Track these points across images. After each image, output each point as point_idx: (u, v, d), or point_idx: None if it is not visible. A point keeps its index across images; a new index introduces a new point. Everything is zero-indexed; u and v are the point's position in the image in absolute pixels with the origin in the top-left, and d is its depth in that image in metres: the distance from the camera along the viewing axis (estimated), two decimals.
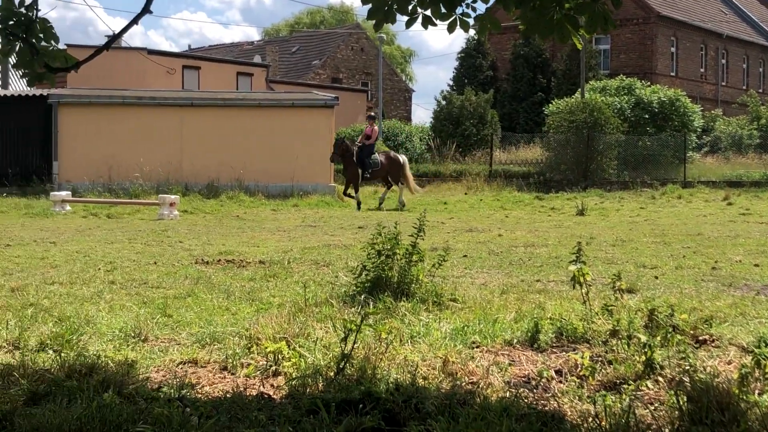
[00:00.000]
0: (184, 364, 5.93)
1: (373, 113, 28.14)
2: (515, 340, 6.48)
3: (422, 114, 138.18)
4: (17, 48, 5.80)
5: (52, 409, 4.39)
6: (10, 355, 6.03)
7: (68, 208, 23.19)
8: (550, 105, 40.06)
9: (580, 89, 40.56)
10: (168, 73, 43.71)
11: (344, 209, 25.63)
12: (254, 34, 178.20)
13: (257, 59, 58.81)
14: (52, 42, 5.90)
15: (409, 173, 27.23)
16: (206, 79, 46.23)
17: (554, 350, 6.30)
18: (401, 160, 26.81)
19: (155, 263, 11.68)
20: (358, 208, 25.72)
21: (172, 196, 22.74)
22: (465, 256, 12.59)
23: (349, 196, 26.56)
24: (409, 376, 5.31)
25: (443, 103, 43.41)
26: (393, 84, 66.36)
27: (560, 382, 5.46)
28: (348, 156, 26.03)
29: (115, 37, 6.02)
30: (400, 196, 26.66)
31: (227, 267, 11.30)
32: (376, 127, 27.08)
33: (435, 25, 5.72)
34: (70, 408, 4.46)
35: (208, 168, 28.20)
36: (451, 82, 55.47)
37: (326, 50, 64.78)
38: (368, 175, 26.41)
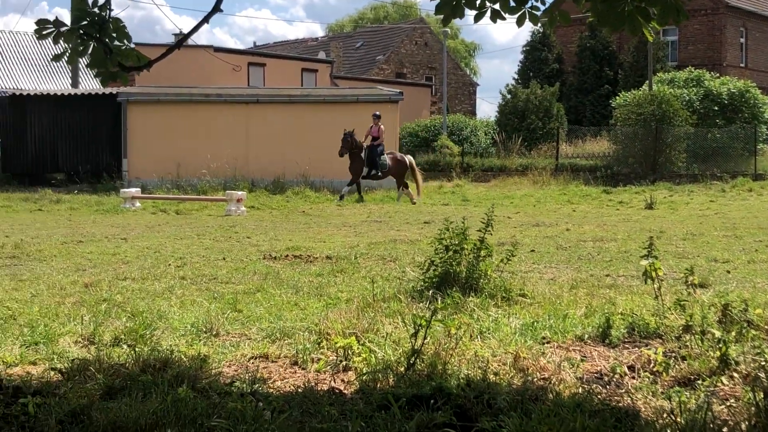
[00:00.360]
0: (256, 358, 5.98)
1: (378, 112, 27.15)
2: (586, 336, 6.42)
3: (487, 108, 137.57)
4: (91, 48, 5.89)
5: (128, 403, 4.46)
6: (86, 349, 6.13)
7: (138, 204, 23.53)
8: (617, 97, 39.60)
9: (647, 81, 40.01)
10: (234, 71, 44.12)
11: (409, 205, 25.62)
12: (318, 31, 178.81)
13: (321, 55, 59.06)
14: (125, 41, 5.97)
15: (418, 173, 27.18)
16: (271, 75, 46.57)
17: (626, 346, 6.22)
18: (407, 161, 26.64)
19: (224, 259, 11.80)
20: (360, 200, 25.95)
21: (239, 192, 22.95)
22: (533, 250, 12.51)
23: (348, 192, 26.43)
24: (479, 371, 5.29)
25: (508, 96, 43.16)
26: (457, 78, 66.17)
27: (633, 377, 5.40)
28: (356, 151, 25.88)
29: (186, 36, 6.08)
30: (399, 195, 26.66)
31: (295, 262, 11.36)
32: (382, 126, 26.65)
33: (504, 18, 5.69)
34: (145, 402, 4.52)
35: (273, 164, 28.40)
36: (516, 76, 55.16)
37: (390, 45, 64.79)
38: (381, 175, 26.37)
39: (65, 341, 6.37)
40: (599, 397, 4.82)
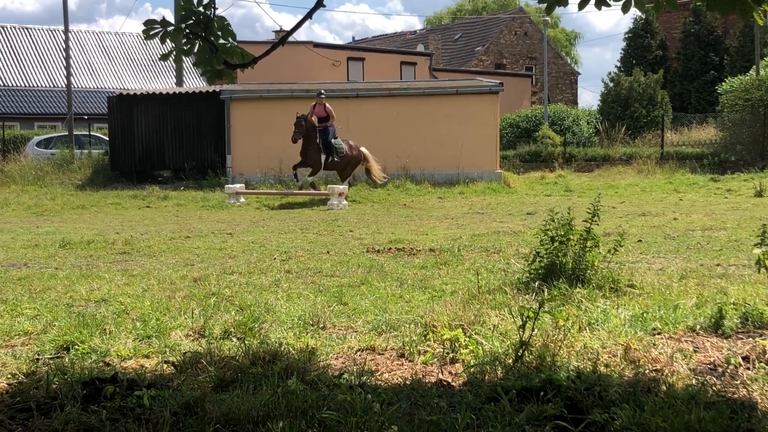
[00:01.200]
0: (362, 351, 6.00)
1: (323, 90, 24.92)
2: (698, 327, 6.27)
3: (588, 97, 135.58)
4: (196, 47, 5.99)
5: (240, 396, 4.52)
6: (197, 343, 6.25)
7: (242, 200, 23.89)
8: (724, 83, 38.55)
9: (754, 66, 38.88)
10: (333, 65, 44.44)
11: (511, 196, 25.42)
12: (416, 24, 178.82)
13: (420, 48, 59.09)
14: (230, 39, 6.05)
15: (375, 166, 25.43)
16: (370, 69, 46.76)
17: (740, 336, 6.06)
18: (361, 154, 25.07)
19: (328, 252, 11.89)
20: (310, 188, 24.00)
21: (341, 186, 23.10)
22: (639, 241, 12.29)
23: (296, 175, 24.60)
24: (589, 363, 5.22)
25: (611, 85, 42.45)
26: (558, 67, 65.42)
27: (748, 368, 5.25)
28: (312, 135, 23.97)
29: (290, 32, 6.13)
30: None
31: (398, 255, 11.39)
32: (328, 105, 24.51)
33: (609, 5, 5.58)
34: (256, 394, 4.58)
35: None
36: (618, 64, 54.32)
37: (489, 36, 64.41)
38: (338, 160, 24.28)
39: (176, 334, 6.50)
40: (714, 388, 4.70)
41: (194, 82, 47.07)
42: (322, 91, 24.56)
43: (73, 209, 22.76)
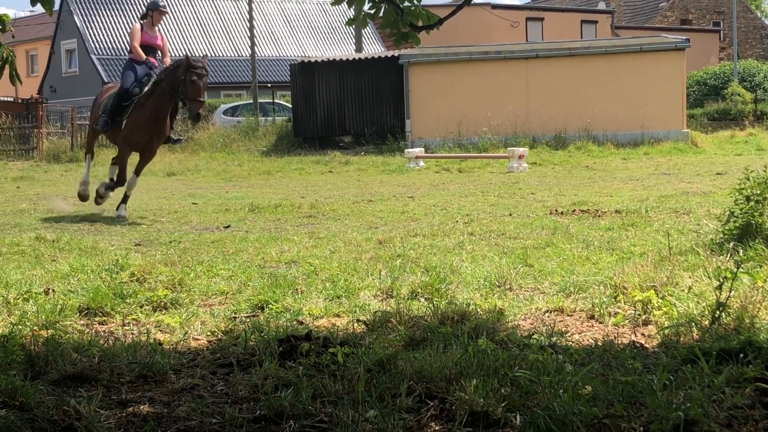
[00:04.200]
0: (550, 312, 5.96)
1: (162, 2, 13.88)
2: None
3: None
4: (383, 10, 6.04)
5: (431, 354, 4.56)
6: (385, 303, 6.34)
7: (422, 164, 24.03)
8: None
9: None
10: (512, 27, 43.97)
11: (699, 156, 24.58)
12: None
13: (601, 6, 57.64)
14: (414, 1, 6.08)
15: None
16: (549, 29, 46.04)
17: None
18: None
19: (510, 215, 11.83)
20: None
21: (521, 149, 22.91)
22: None
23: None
24: None
25: None
26: (747, 22, 62.57)
27: None
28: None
29: None
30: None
31: (582, 217, 11.22)
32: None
33: None
34: (447, 353, 4.61)
35: (554, 119, 28.07)
36: None
37: None
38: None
39: (365, 295, 6.61)
40: None
41: (373, 47, 47.55)
42: (161, 3, 13.89)
43: (259, 175, 23.47)
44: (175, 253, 8.97)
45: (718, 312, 5.05)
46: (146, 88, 13.15)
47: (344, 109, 30.99)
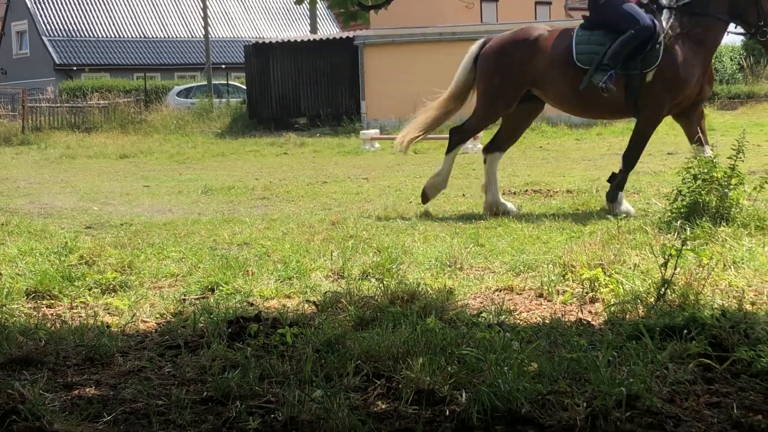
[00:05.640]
0: (500, 291, 6.00)
1: None
2: None
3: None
4: None
5: (380, 333, 4.57)
6: (336, 283, 6.35)
7: (377, 145, 23.99)
8: None
9: None
10: (466, 8, 43.95)
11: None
12: None
13: None
14: None
15: None
16: (504, 11, 46.14)
17: None
18: None
19: (463, 195, 11.90)
20: None
21: None
22: None
23: None
24: (734, 301, 5.09)
25: None
26: None
27: None
28: None
29: None
30: None
31: (534, 197, 11.31)
32: None
33: None
34: (396, 332, 4.63)
35: None
36: None
37: None
38: None
39: (317, 275, 6.61)
40: None
41: (329, 29, 47.36)
42: None
43: (213, 157, 23.32)
44: (126, 235, 8.90)
45: (663, 289, 5.11)
46: (671, 22, 9.65)
47: (299, 91, 30.86)
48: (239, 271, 6.71)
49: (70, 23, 49.83)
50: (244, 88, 34.20)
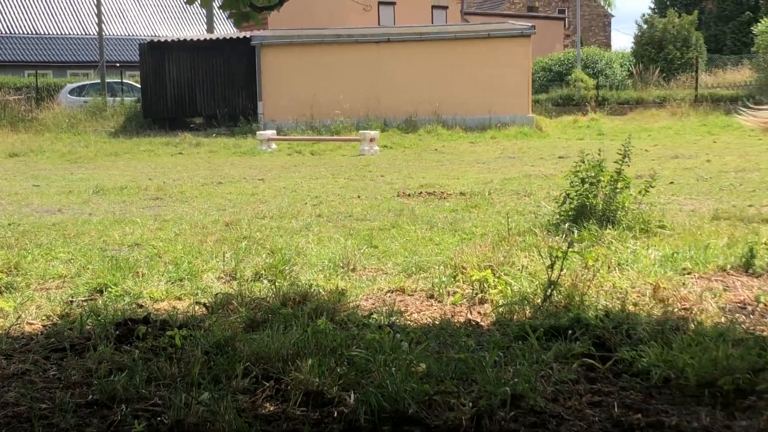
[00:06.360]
0: (392, 292, 6.05)
1: None
2: (728, 266, 6.26)
3: (622, 40, 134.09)
4: None
5: (270, 335, 4.57)
6: (228, 285, 6.31)
7: (274, 146, 23.89)
8: (759, 24, 37.87)
9: None
10: (364, 10, 44.09)
11: (543, 140, 25.26)
12: None
13: None
14: None
15: None
16: (401, 14, 46.37)
17: None
18: None
19: (359, 197, 11.92)
20: None
21: (372, 132, 23.04)
22: (671, 182, 12.21)
23: None
24: (618, 302, 5.23)
25: (644, 27, 41.82)
26: (591, 10, 64.52)
27: None
28: None
29: None
30: None
31: (429, 199, 11.40)
32: None
33: None
34: (286, 334, 4.63)
35: (405, 103, 28.36)
36: (652, 5, 53.46)
37: None
38: None
39: (208, 277, 6.56)
40: (743, 326, 4.70)
41: (225, 29, 46.92)
42: None
43: (106, 156, 22.88)
44: (13, 236, 8.69)
45: (549, 290, 5.22)
46: None
47: (195, 90, 30.51)
48: (129, 273, 6.62)
49: None
50: (139, 86, 33.65)
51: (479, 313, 5.43)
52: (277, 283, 5.96)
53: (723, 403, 3.75)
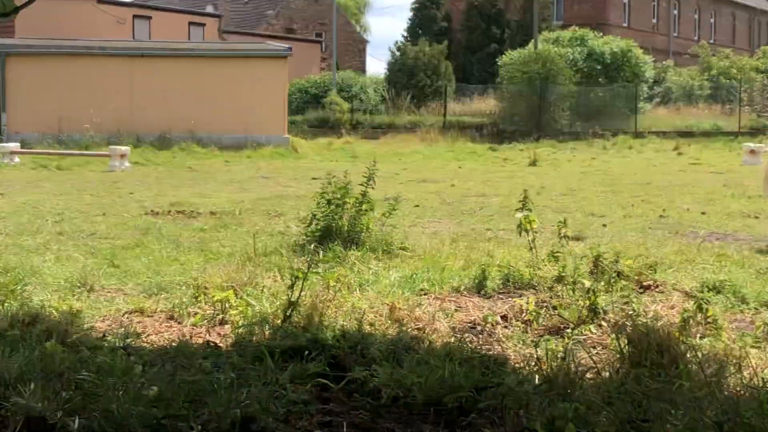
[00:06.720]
0: (131, 313, 5.90)
1: None
2: (463, 287, 6.52)
3: (377, 65, 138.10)
4: None
5: None
6: None
7: (17, 159, 22.84)
8: (504, 56, 39.93)
9: (533, 40, 40.48)
10: (118, 23, 43.02)
11: (299, 161, 25.49)
12: None
13: (209, 9, 58.01)
14: None
15: None
16: (157, 29, 45.53)
17: (501, 296, 6.35)
18: None
19: (104, 214, 11.58)
20: None
21: (123, 148, 22.49)
22: (417, 205, 12.62)
23: None
24: (355, 323, 5.32)
25: (397, 54, 43.19)
26: (347, 35, 65.80)
27: (505, 327, 5.51)
28: None
29: None
30: None
31: (177, 218, 11.24)
32: None
33: None
34: (12, 357, 4.41)
35: (159, 119, 27.85)
36: (405, 34, 55.19)
37: (280, 0, 64.00)
38: None
39: None
40: (471, 345, 4.90)
41: None
42: None
43: None
44: None
45: (289, 311, 5.25)
46: None
47: None
48: None
49: None
50: None
51: (219, 334, 5.38)
52: (5, 304, 5.67)
53: (447, 420, 3.88)
